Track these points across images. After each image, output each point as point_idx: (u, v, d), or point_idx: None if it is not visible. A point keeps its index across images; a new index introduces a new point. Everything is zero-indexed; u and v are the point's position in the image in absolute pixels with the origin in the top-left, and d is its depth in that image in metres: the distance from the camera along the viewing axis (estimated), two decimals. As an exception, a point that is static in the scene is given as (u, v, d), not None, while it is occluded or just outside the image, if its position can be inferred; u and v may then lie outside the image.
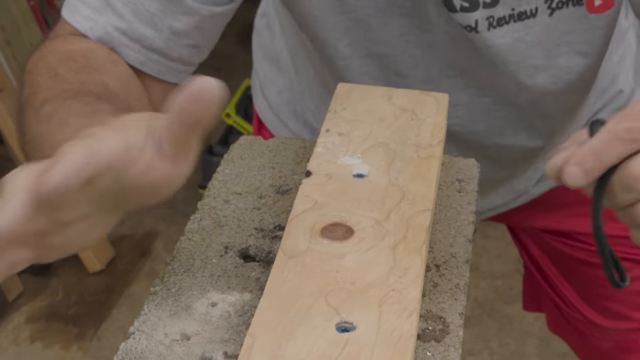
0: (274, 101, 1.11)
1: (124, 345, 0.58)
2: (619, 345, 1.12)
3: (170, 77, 0.83)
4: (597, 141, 0.54)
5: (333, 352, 0.52)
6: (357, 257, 0.59)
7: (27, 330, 2.07)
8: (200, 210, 0.72)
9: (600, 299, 1.11)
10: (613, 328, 1.12)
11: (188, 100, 0.46)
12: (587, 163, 0.54)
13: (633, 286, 1.09)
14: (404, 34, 0.86)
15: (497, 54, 0.85)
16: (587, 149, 0.55)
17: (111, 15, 0.78)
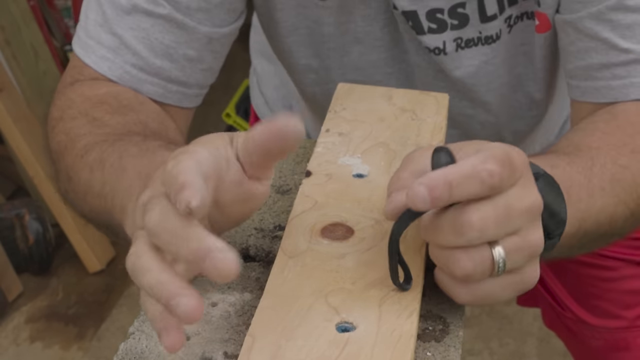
0: (270, 97, 1.11)
1: (124, 345, 0.58)
2: (608, 344, 1.12)
3: (188, 103, 0.84)
4: (456, 172, 0.51)
5: (333, 352, 0.52)
6: (357, 257, 0.59)
7: (27, 330, 2.07)
8: (200, 210, 0.72)
9: (590, 297, 1.12)
10: (602, 326, 1.12)
11: (272, 135, 0.52)
12: (437, 190, 0.50)
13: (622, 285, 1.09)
14: (382, 65, 0.88)
15: (466, 77, 0.86)
16: (443, 176, 0.51)
17: (127, 53, 0.78)
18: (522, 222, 0.53)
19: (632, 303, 1.09)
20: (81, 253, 2.18)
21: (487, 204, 0.51)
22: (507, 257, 0.53)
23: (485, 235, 0.52)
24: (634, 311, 1.09)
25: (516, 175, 0.52)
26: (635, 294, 1.09)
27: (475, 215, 0.51)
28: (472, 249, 0.53)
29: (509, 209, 0.52)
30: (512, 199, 0.52)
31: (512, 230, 0.53)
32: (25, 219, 2.10)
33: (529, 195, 0.53)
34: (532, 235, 0.54)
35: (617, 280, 1.09)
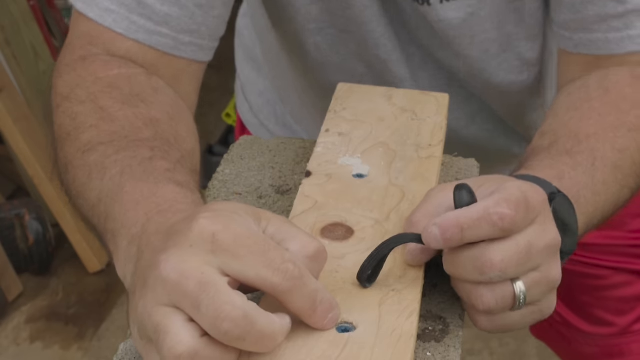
0: (255, 103, 1.11)
1: (124, 345, 0.58)
2: (602, 351, 1.12)
3: (203, 56, 0.78)
4: (466, 215, 0.53)
5: (333, 352, 0.52)
6: (357, 257, 0.59)
7: (27, 330, 2.07)
8: (200, 210, 0.71)
9: (583, 305, 1.12)
10: (596, 333, 1.12)
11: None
12: (449, 232, 0.53)
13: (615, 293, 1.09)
14: (378, 15, 0.85)
15: (450, 29, 0.84)
16: (455, 218, 0.53)
17: (131, 2, 0.73)
18: (542, 259, 0.55)
19: (625, 310, 1.09)
20: (81, 253, 2.18)
21: (508, 244, 0.54)
22: (527, 292, 0.55)
23: (506, 273, 0.54)
24: (627, 318, 1.10)
25: (533, 215, 0.54)
26: (628, 301, 1.09)
27: (498, 256, 0.53)
28: (495, 285, 0.55)
29: (529, 248, 0.54)
30: (532, 238, 0.54)
31: (532, 267, 0.55)
32: (25, 219, 2.10)
33: (547, 232, 0.55)
34: (552, 270, 0.56)
35: (609, 288, 1.09)
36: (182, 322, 0.47)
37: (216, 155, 2.36)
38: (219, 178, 0.76)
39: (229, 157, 0.79)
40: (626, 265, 1.06)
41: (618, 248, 1.05)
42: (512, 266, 0.54)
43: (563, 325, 1.14)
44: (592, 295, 1.10)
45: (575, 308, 1.13)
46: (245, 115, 1.13)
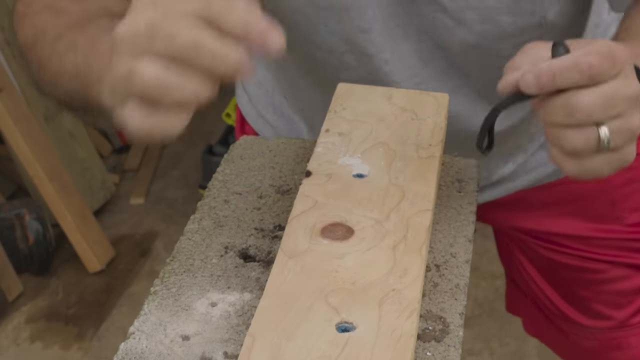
0: (254, 94, 1.10)
1: (124, 345, 0.58)
2: (601, 344, 1.13)
3: None
4: (558, 64, 0.60)
5: (333, 352, 0.52)
6: (357, 257, 0.59)
7: (27, 330, 2.07)
8: (200, 210, 0.72)
9: (581, 299, 1.12)
10: (595, 327, 1.12)
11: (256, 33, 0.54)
12: (542, 78, 0.60)
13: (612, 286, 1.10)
14: None
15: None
16: (547, 66, 0.60)
17: None
18: (624, 107, 0.61)
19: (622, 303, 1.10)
20: (81, 253, 2.18)
21: (595, 90, 0.60)
22: (610, 137, 0.61)
23: (592, 117, 0.60)
24: (625, 311, 1.10)
25: (617, 68, 0.60)
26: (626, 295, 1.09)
27: (585, 100, 0.60)
28: (582, 127, 0.61)
29: (613, 96, 0.60)
30: (616, 87, 0.61)
31: (615, 114, 0.61)
32: (25, 219, 2.10)
33: (630, 85, 0.62)
34: (633, 119, 0.62)
35: (607, 282, 1.09)
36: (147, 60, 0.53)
37: (216, 155, 2.36)
38: (219, 178, 0.76)
39: (229, 157, 0.79)
40: (624, 259, 1.06)
41: (616, 242, 1.06)
42: (597, 110, 0.60)
43: (561, 319, 1.15)
44: (590, 289, 1.11)
45: (573, 302, 1.13)
46: (245, 106, 1.13)
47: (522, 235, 1.14)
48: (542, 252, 1.11)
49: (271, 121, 1.08)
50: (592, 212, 1.06)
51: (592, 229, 1.06)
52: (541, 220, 1.09)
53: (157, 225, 2.42)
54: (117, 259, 2.28)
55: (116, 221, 2.43)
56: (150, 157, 2.68)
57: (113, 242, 2.30)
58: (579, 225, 1.07)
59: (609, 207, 1.05)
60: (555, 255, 1.10)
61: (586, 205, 1.06)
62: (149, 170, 2.63)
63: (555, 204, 1.06)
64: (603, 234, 1.06)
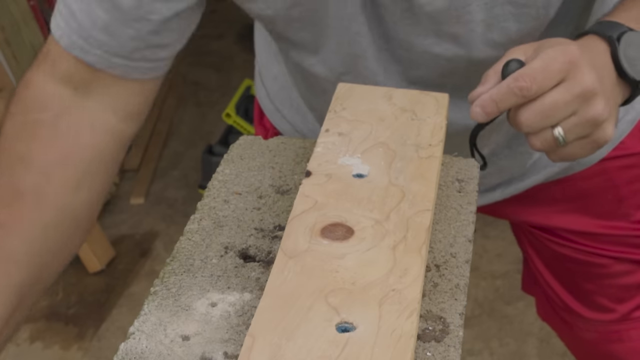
0: (271, 88, 1.11)
1: (124, 345, 0.58)
2: (602, 336, 1.14)
3: (137, 75, 0.85)
4: (497, 91, 0.70)
5: (333, 352, 0.52)
6: (357, 257, 0.59)
7: (27, 330, 2.07)
8: (200, 210, 0.72)
9: (584, 292, 1.13)
10: (596, 319, 1.13)
11: None
12: (487, 107, 0.71)
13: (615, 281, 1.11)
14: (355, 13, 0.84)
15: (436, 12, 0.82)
16: (489, 96, 0.71)
17: (73, 23, 0.82)
18: (575, 106, 0.69)
19: (625, 297, 1.11)
20: (81, 253, 2.18)
21: (531, 107, 0.70)
22: (567, 133, 0.70)
23: (534, 128, 0.71)
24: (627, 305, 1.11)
25: (558, 76, 0.68)
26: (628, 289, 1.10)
27: (524, 115, 0.70)
28: (538, 133, 0.71)
29: (552, 106, 0.69)
30: (557, 96, 0.69)
31: (568, 114, 0.70)
32: (25, 219, 2.10)
33: (576, 85, 0.69)
34: (589, 112, 0.69)
35: (611, 277, 1.10)
36: None
37: (216, 155, 2.36)
38: (218, 178, 0.76)
39: (229, 157, 0.79)
40: (629, 255, 1.07)
41: (621, 238, 1.07)
42: (536, 122, 0.70)
43: (565, 310, 1.16)
44: (594, 283, 1.11)
45: (577, 294, 1.14)
46: (263, 100, 1.13)
47: (530, 229, 1.15)
48: (549, 245, 1.12)
49: (288, 116, 1.09)
50: (599, 209, 1.07)
51: (599, 226, 1.07)
52: (549, 216, 1.10)
53: (157, 225, 2.42)
54: (117, 259, 2.28)
55: (116, 221, 2.43)
56: (150, 157, 2.68)
57: (113, 242, 2.30)
58: (585, 221, 1.07)
59: (615, 204, 1.06)
60: (561, 248, 1.11)
61: (593, 202, 1.06)
62: (149, 170, 2.63)
63: (563, 201, 1.07)
64: (609, 230, 1.07)
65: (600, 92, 0.70)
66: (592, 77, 0.69)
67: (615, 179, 1.05)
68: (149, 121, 2.82)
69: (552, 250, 1.13)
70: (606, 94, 0.71)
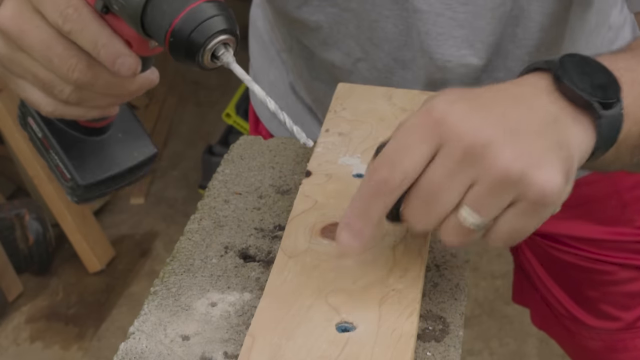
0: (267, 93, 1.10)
1: (124, 345, 0.58)
2: (606, 345, 1.13)
3: None
4: (358, 198, 0.53)
5: (333, 352, 0.52)
6: (357, 257, 0.59)
7: (27, 330, 2.07)
8: (200, 210, 0.72)
9: (589, 299, 1.12)
10: (601, 327, 1.12)
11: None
12: (356, 225, 0.53)
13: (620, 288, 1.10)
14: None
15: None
16: (351, 209, 0.53)
17: None
18: (467, 173, 0.50)
19: (630, 305, 1.10)
20: (81, 253, 2.18)
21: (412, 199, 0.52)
22: (480, 210, 0.51)
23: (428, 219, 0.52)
24: (632, 313, 1.10)
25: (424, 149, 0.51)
26: (634, 297, 1.09)
27: (404, 213, 0.53)
28: (442, 225, 0.52)
29: (432, 183, 0.51)
30: (432, 172, 0.51)
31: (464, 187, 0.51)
32: (25, 219, 2.10)
33: (453, 148, 0.50)
34: (492, 170, 0.50)
35: (615, 284, 1.09)
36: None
37: (216, 155, 2.36)
38: (219, 178, 0.76)
39: (229, 157, 0.79)
40: (633, 261, 1.06)
41: (626, 244, 1.06)
42: (423, 213, 0.52)
43: (568, 318, 1.15)
44: (598, 290, 1.11)
45: (581, 302, 1.13)
46: (258, 107, 1.13)
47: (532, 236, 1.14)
48: (552, 252, 1.12)
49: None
50: (603, 214, 1.05)
51: (603, 232, 1.06)
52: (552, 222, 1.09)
53: (157, 225, 2.42)
54: (117, 259, 2.28)
55: (116, 221, 2.43)
56: (150, 157, 2.68)
57: (113, 242, 2.30)
58: (589, 227, 1.06)
59: (619, 210, 1.05)
60: (565, 255, 1.10)
61: (597, 207, 1.05)
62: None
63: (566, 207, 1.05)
64: (613, 236, 1.06)
65: (499, 138, 0.50)
66: (473, 126, 0.50)
67: (619, 184, 1.04)
68: (149, 121, 2.82)
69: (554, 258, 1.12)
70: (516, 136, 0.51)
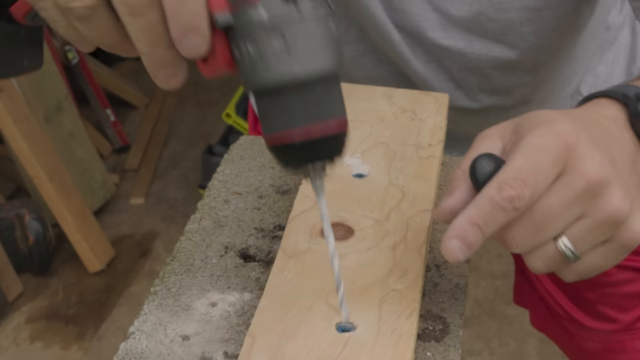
0: None
1: (124, 345, 0.58)
2: (605, 346, 1.13)
3: None
4: (476, 211, 0.51)
5: (333, 352, 0.52)
6: (357, 257, 0.59)
7: (27, 330, 2.07)
8: (200, 210, 0.72)
9: (587, 301, 1.12)
10: (599, 329, 1.12)
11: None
12: (469, 236, 0.51)
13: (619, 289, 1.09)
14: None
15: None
16: (466, 219, 0.51)
17: None
18: (581, 207, 0.52)
19: (628, 306, 1.10)
20: (81, 253, 2.18)
21: (522, 221, 0.51)
22: (577, 244, 0.52)
23: (531, 244, 0.52)
24: (630, 314, 1.10)
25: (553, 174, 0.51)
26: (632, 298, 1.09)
27: (510, 236, 0.52)
28: (536, 249, 0.53)
29: (550, 211, 0.51)
30: (552, 199, 0.51)
31: (573, 219, 0.52)
32: (25, 219, 2.10)
33: (579, 178, 0.51)
34: (603, 210, 0.51)
35: (613, 285, 1.09)
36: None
37: (216, 155, 2.36)
38: (219, 178, 0.76)
39: (229, 157, 0.79)
40: (631, 263, 1.06)
41: None
42: (530, 238, 0.52)
43: (567, 319, 1.15)
44: (596, 292, 1.10)
45: (579, 303, 1.13)
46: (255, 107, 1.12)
47: None
48: None
49: None
50: None
51: None
52: None
53: (157, 225, 2.42)
54: (117, 259, 2.28)
55: (116, 221, 2.43)
56: (150, 157, 2.68)
57: (113, 242, 2.30)
58: None
59: None
60: None
61: None
62: (149, 170, 2.63)
63: None
64: None
65: (614, 179, 0.52)
66: (598, 162, 0.52)
67: None
68: (149, 121, 2.82)
69: None
70: (623, 178, 0.53)
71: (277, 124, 0.48)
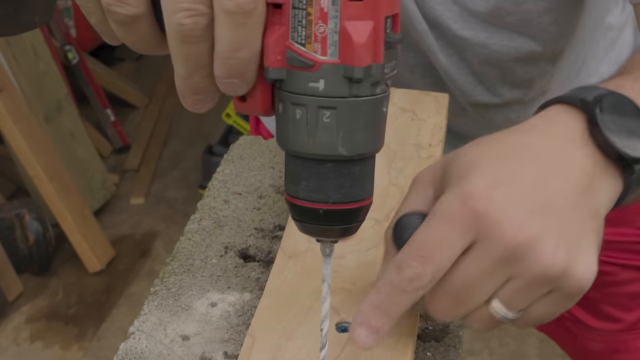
0: None
1: (124, 345, 0.58)
2: (608, 346, 1.13)
3: None
4: (378, 295, 0.48)
5: (333, 352, 0.52)
6: (357, 257, 0.59)
7: (27, 330, 2.07)
8: (200, 210, 0.72)
9: (591, 301, 1.12)
10: (603, 329, 1.12)
11: None
12: (373, 322, 0.49)
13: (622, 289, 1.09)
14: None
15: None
16: (370, 304, 0.49)
17: None
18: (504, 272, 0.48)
19: (632, 306, 1.10)
20: (81, 253, 2.18)
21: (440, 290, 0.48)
22: (511, 304, 0.49)
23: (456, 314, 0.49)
24: (633, 314, 1.10)
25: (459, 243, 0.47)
26: (635, 297, 1.09)
27: (432, 308, 0.49)
28: (470, 315, 0.50)
29: (467, 282, 0.48)
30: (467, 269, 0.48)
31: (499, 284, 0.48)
32: (25, 219, 2.10)
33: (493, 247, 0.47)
34: (530, 271, 0.47)
35: (617, 285, 1.09)
36: None
37: (216, 155, 2.36)
38: (219, 178, 0.76)
39: (229, 157, 0.79)
40: (634, 262, 1.06)
41: (626, 245, 1.06)
42: (452, 312, 0.49)
43: (570, 320, 1.15)
44: (599, 291, 1.10)
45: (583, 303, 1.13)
46: None
47: None
48: None
49: None
50: None
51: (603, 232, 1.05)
52: None
53: (157, 225, 2.42)
54: (117, 259, 2.28)
55: (116, 221, 2.43)
56: (150, 157, 2.68)
57: (113, 242, 2.30)
58: None
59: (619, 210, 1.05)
60: None
61: None
62: (149, 170, 2.63)
63: None
64: (614, 237, 1.06)
65: (542, 231, 0.47)
66: (517, 222, 0.47)
67: None
68: (149, 121, 2.82)
69: None
70: (555, 224, 0.48)
71: (306, 189, 0.46)
